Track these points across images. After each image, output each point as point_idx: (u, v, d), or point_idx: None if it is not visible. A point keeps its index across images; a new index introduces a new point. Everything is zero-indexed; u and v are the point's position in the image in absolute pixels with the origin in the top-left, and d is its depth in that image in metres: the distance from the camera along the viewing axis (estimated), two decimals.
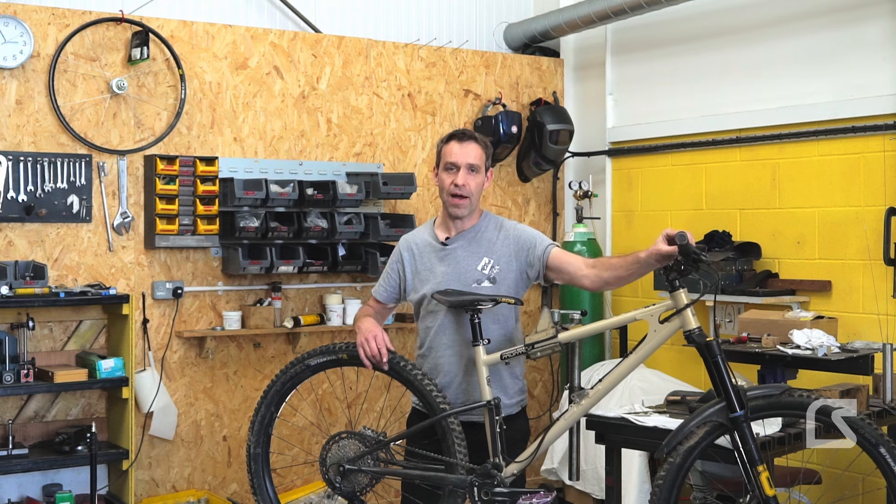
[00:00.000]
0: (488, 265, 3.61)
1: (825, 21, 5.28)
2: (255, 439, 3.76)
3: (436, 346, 3.65)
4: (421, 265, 3.69)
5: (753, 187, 5.57)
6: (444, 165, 3.64)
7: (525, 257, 3.62)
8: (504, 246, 3.63)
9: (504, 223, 3.71)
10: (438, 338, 3.65)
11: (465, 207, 3.62)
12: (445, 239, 3.67)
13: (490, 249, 3.63)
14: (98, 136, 5.21)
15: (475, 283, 3.59)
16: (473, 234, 3.66)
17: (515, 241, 3.63)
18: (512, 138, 6.28)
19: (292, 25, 5.96)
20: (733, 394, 3.21)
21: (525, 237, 3.64)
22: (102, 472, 5.10)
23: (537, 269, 3.62)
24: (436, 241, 3.68)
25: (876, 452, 3.11)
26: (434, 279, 3.64)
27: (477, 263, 3.61)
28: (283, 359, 5.57)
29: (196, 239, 5.32)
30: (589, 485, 5.46)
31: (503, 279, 3.60)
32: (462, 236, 3.66)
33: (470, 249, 3.64)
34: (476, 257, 3.62)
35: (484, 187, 3.68)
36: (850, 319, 5.04)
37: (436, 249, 3.67)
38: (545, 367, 6.57)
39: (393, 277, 3.76)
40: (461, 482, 3.46)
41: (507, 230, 3.67)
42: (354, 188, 5.67)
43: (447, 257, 3.65)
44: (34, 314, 4.91)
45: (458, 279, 3.61)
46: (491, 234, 3.66)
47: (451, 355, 3.63)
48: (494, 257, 3.62)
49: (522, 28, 6.60)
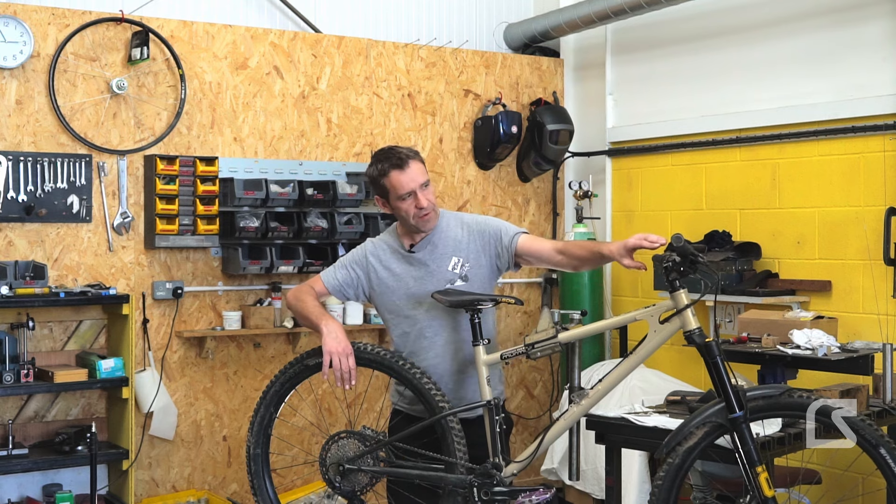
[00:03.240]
0: (458, 264, 3.59)
1: (825, 21, 5.28)
2: (254, 440, 3.76)
3: (417, 351, 3.63)
4: (388, 273, 3.66)
5: (753, 187, 5.57)
6: (397, 196, 3.56)
7: (493, 250, 3.61)
8: (471, 242, 3.62)
9: (464, 218, 3.69)
10: (419, 342, 3.63)
11: (433, 220, 3.60)
12: (410, 246, 3.64)
13: (457, 248, 3.61)
14: (98, 136, 5.21)
15: (448, 284, 3.58)
16: (438, 235, 3.63)
17: (481, 235, 3.62)
18: (512, 138, 6.28)
19: (292, 25, 5.96)
20: (733, 394, 3.20)
21: (490, 230, 3.62)
22: (102, 472, 5.10)
23: (506, 260, 3.61)
24: (402, 249, 3.65)
25: (876, 453, 3.10)
26: (405, 286, 3.62)
27: (447, 264, 3.60)
28: (283, 359, 5.57)
29: (196, 239, 5.32)
30: (589, 485, 5.47)
31: (475, 275, 3.60)
32: (427, 240, 3.63)
33: (437, 252, 3.61)
34: (445, 258, 3.60)
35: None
36: (850, 319, 5.04)
37: (404, 256, 3.64)
38: (545, 367, 6.57)
39: (354, 275, 3.69)
40: (461, 482, 3.46)
41: (471, 226, 3.65)
42: (354, 188, 5.68)
43: (416, 263, 3.62)
44: (34, 314, 4.91)
45: (430, 282, 3.59)
46: (455, 232, 3.63)
47: (433, 357, 3.61)
48: (463, 255, 3.60)
49: (522, 28, 6.60)
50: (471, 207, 6.33)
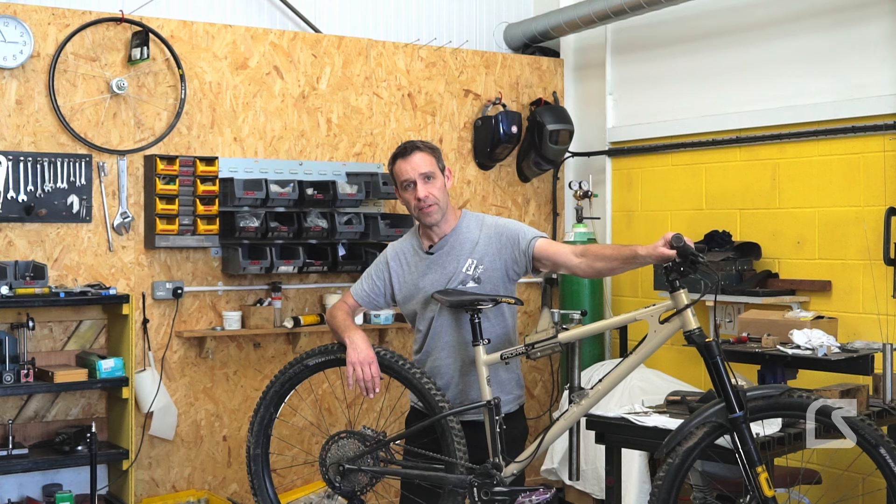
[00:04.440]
0: (472, 266, 3.60)
1: (825, 21, 5.28)
2: (254, 440, 3.76)
3: (433, 349, 3.66)
4: (409, 275, 3.70)
5: (753, 187, 5.57)
6: (401, 185, 3.64)
7: (510, 253, 3.60)
8: (487, 244, 3.61)
9: (485, 220, 3.68)
10: (434, 341, 3.66)
11: (436, 214, 3.61)
12: (429, 247, 3.67)
13: (473, 250, 3.61)
14: (98, 136, 5.21)
15: (460, 285, 3.59)
16: (455, 236, 3.65)
17: (498, 238, 3.61)
18: (512, 138, 6.28)
19: (292, 25, 5.96)
20: (733, 394, 3.21)
21: (508, 233, 3.61)
22: (102, 472, 5.10)
23: (524, 264, 3.60)
24: (421, 251, 3.69)
25: (876, 453, 3.11)
26: (424, 288, 3.65)
27: (462, 265, 3.61)
28: (282, 359, 5.57)
29: (196, 239, 5.32)
30: (589, 485, 5.47)
31: (488, 278, 3.59)
32: (445, 241, 3.65)
33: (453, 254, 3.63)
34: (461, 259, 3.61)
35: (448, 187, 3.67)
36: (850, 319, 5.04)
37: (422, 258, 3.68)
38: (545, 367, 6.57)
39: (378, 284, 3.75)
40: (461, 482, 3.46)
41: (489, 227, 3.65)
42: (354, 188, 5.68)
43: (433, 264, 3.65)
44: (34, 314, 4.91)
45: (444, 283, 3.61)
46: (473, 233, 3.64)
47: (446, 356, 3.64)
48: (478, 257, 3.60)
49: (522, 28, 6.60)
50: (471, 207, 6.32)
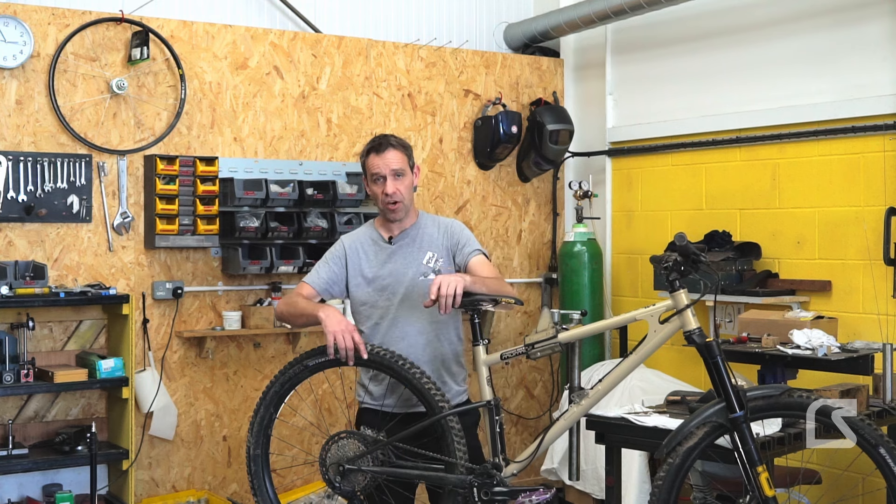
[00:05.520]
0: (432, 258, 3.74)
1: (825, 21, 5.28)
2: (254, 440, 3.76)
3: (389, 342, 3.69)
4: (366, 263, 3.78)
5: (753, 187, 5.57)
6: (371, 178, 3.76)
7: (455, 254, 3.77)
8: (443, 240, 3.78)
9: (440, 220, 3.87)
10: (392, 332, 3.72)
11: (401, 210, 3.75)
12: (389, 238, 3.79)
13: (432, 244, 3.77)
14: (98, 136, 5.21)
15: (422, 277, 3.70)
16: (416, 231, 3.80)
17: (450, 237, 3.79)
18: (512, 138, 6.28)
19: (292, 25, 5.96)
20: (733, 394, 3.21)
21: (458, 237, 3.80)
22: (102, 472, 5.10)
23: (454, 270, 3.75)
24: (381, 240, 3.80)
25: (876, 453, 3.11)
26: (382, 276, 3.75)
27: (422, 258, 3.74)
28: (282, 359, 5.57)
29: (196, 239, 5.32)
30: (589, 485, 5.47)
31: (446, 272, 3.70)
32: (405, 234, 3.79)
33: (414, 246, 3.77)
34: (421, 252, 3.75)
35: (414, 185, 3.81)
36: (850, 319, 5.04)
37: (382, 248, 3.79)
38: (545, 367, 6.57)
39: (337, 272, 3.79)
40: (461, 482, 3.46)
41: (444, 226, 3.83)
42: (354, 188, 5.68)
43: (394, 254, 3.77)
44: (34, 314, 4.91)
45: (405, 274, 3.72)
46: (431, 230, 3.80)
47: (406, 347, 3.68)
48: (436, 251, 3.76)
49: (522, 28, 6.60)
50: (471, 207, 6.33)
